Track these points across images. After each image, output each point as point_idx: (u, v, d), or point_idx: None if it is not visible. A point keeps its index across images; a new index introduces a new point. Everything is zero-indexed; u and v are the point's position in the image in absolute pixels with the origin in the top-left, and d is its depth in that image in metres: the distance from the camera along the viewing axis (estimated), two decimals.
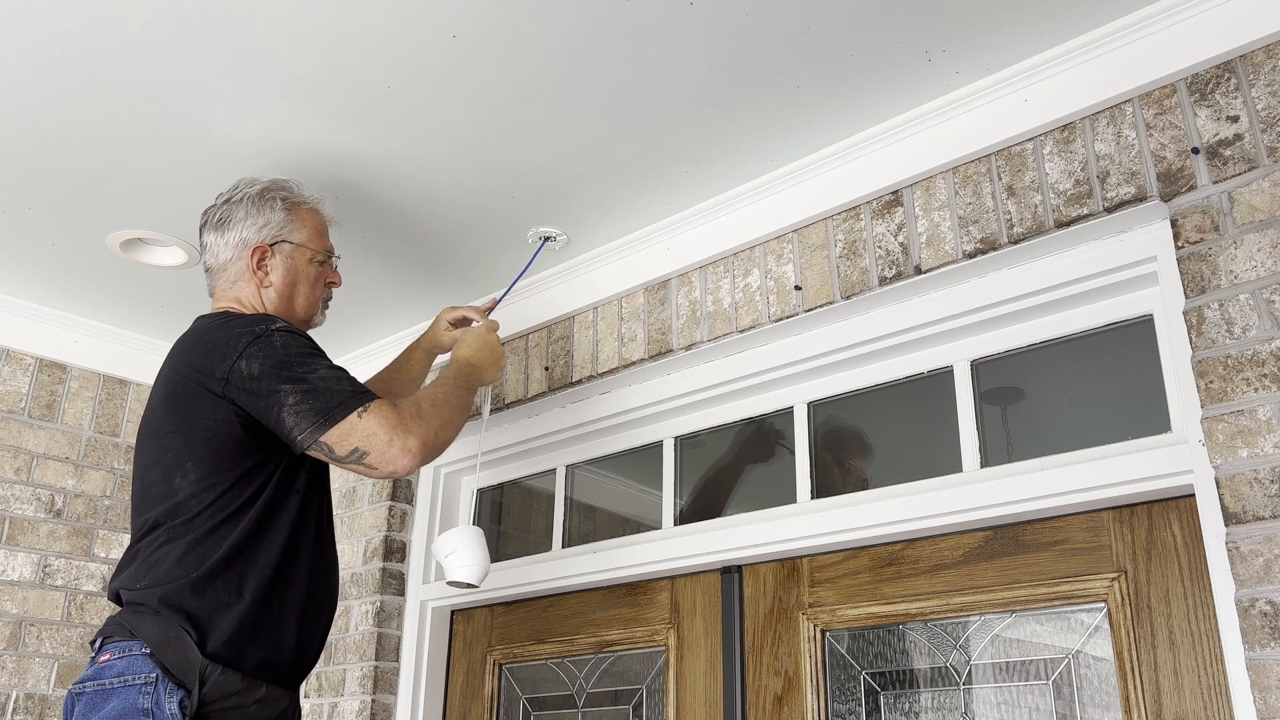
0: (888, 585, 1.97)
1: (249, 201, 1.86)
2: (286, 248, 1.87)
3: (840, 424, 2.21)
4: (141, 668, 1.53)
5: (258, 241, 1.85)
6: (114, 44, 1.79)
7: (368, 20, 1.73)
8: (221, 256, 1.85)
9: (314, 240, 1.91)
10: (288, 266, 1.87)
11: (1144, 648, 1.66)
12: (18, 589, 2.75)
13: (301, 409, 1.59)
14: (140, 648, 1.54)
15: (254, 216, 1.85)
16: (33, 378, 2.88)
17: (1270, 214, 1.54)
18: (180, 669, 1.52)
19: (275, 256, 1.86)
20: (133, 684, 1.52)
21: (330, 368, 1.67)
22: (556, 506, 2.67)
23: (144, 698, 1.50)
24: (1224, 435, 1.50)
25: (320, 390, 1.61)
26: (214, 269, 1.87)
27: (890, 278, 1.97)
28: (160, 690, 1.51)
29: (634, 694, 2.35)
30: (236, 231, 1.85)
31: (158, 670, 1.52)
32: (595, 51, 1.80)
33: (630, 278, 2.41)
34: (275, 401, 1.60)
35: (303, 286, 1.89)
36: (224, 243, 1.85)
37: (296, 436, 1.60)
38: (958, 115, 1.92)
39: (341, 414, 1.60)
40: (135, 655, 1.54)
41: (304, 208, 1.92)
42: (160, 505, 1.64)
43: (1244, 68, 1.62)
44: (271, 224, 1.86)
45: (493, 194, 2.23)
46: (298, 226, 1.89)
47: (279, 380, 1.61)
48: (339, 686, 2.72)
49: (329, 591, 1.78)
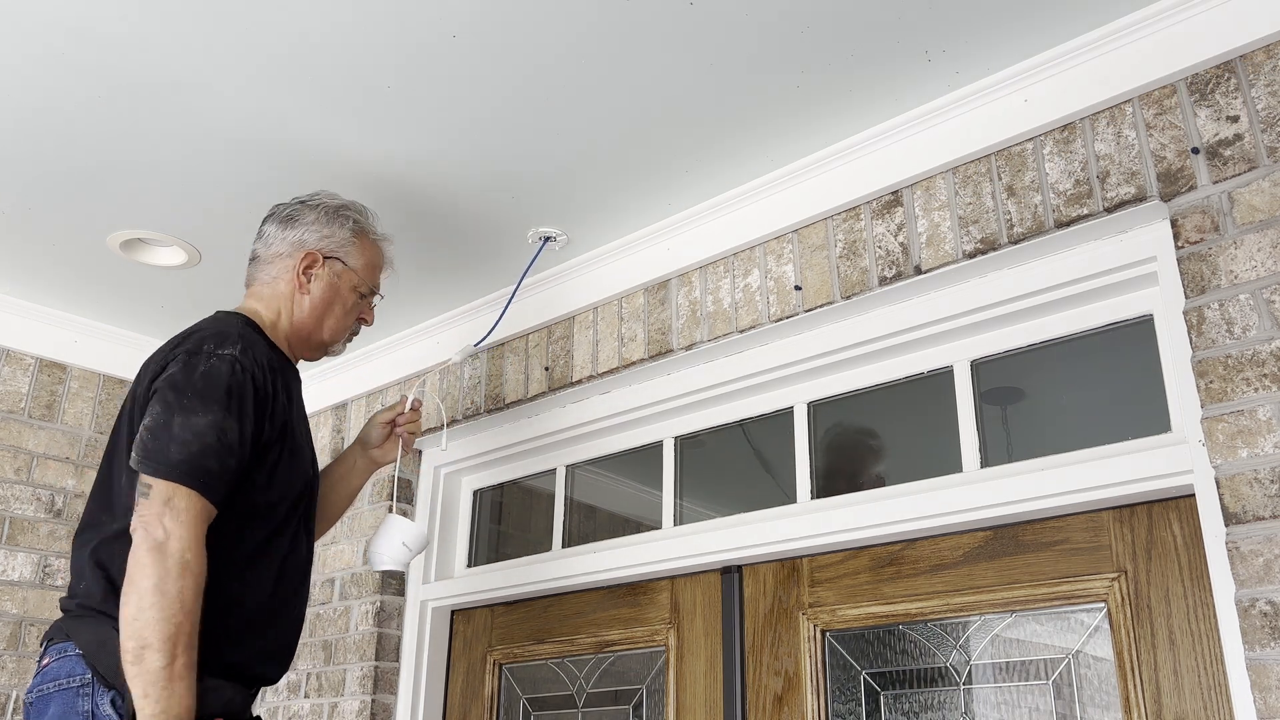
0: (888, 585, 1.97)
1: (323, 210, 1.87)
2: (338, 266, 1.87)
3: (848, 430, 2.20)
4: (74, 669, 1.52)
5: (314, 248, 1.85)
6: (114, 44, 1.79)
7: (368, 20, 1.73)
8: (275, 248, 1.85)
9: (366, 271, 1.91)
10: (331, 284, 1.86)
11: (1144, 648, 1.66)
12: (18, 589, 2.75)
13: (142, 437, 1.54)
14: (73, 649, 1.54)
15: (321, 225, 1.86)
16: (33, 378, 2.88)
17: (1270, 214, 1.54)
18: (111, 672, 1.50)
19: (324, 269, 1.85)
20: (69, 687, 1.51)
21: (211, 424, 1.54)
22: (556, 506, 2.66)
23: (82, 700, 1.50)
24: (1224, 435, 1.50)
25: (166, 434, 1.52)
26: (262, 259, 1.86)
27: (890, 278, 1.97)
28: (96, 691, 1.50)
29: (634, 694, 2.35)
30: (299, 232, 1.85)
31: (90, 672, 1.51)
32: (595, 51, 1.80)
33: (630, 278, 2.40)
34: (144, 412, 1.57)
35: (338, 309, 1.87)
36: (283, 237, 1.85)
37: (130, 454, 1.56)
38: (958, 115, 1.92)
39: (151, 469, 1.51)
40: (69, 657, 1.54)
41: (369, 238, 1.93)
42: (106, 504, 1.63)
43: (1244, 68, 1.62)
44: (334, 239, 1.86)
45: (492, 194, 2.23)
46: (357, 252, 1.89)
47: (160, 399, 1.57)
48: (339, 686, 2.72)
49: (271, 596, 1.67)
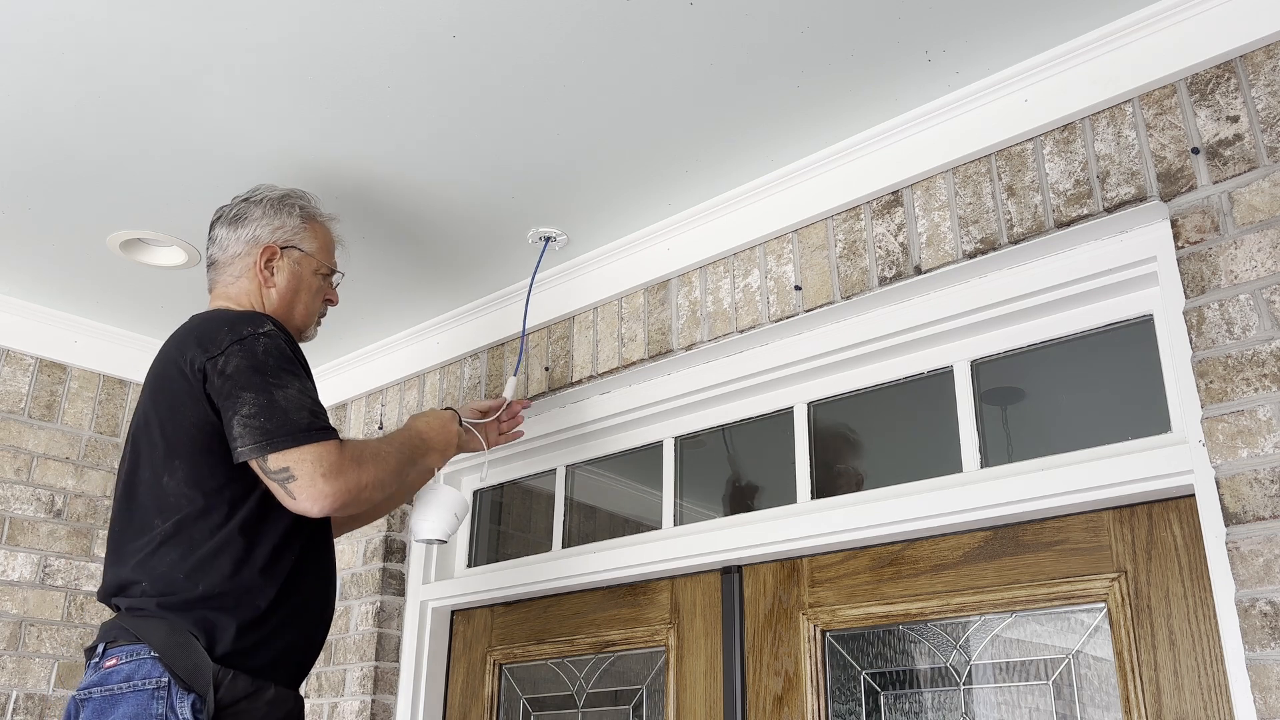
0: (888, 585, 1.97)
1: (268, 203, 1.90)
2: (296, 254, 1.89)
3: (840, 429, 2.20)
4: (151, 672, 1.51)
5: (269, 241, 1.87)
6: (114, 44, 1.79)
7: (368, 21, 1.73)
8: (231, 250, 1.87)
9: (322, 254, 1.94)
10: (294, 272, 1.89)
11: (1144, 648, 1.65)
12: (18, 589, 2.75)
13: (251, 424, 1.57)
14: (147, 651, 1.52)
15: (270, 218, 1.88)
16: (33, 378, 2.88)
17: (1270, 214, 1.54)
18: (190, 674, 1.51)
19: (283, 260, 1.88)
20: (143, 689, 1.50)
21: (301, 389, 1.64)
22: (556, 506, 2.66)
23: (157, 702, 1.49)
24: (1224, 435, 1.50)
25: (278, 410, 1.59)
26: (220, 263, 1.88)
27: (890, 278, 1.97)
28: (173, 695, 1.49)
29: (634, 694, 2.35)
30: (251, 229, 1.87)
31: (168, 675, 1.50)
32: (595, 51, 1.80)
33: (630, 278, 2.40)
34: (233, 405, 1.59)
35: (304, 295, 1.91)
36: (235, 238, 1.87)
37: (238, 447, 1.58)
38: (958, 115, 1.92)
39: (286, 444, 1.57)
40: (143, 659, 1.52)
41: (318, 221, 1.96)
42: (152, 505, 1.63)
43: (1244, 68, 1.62)
44: (286, 228, 1.89)
45: (492, 194, 2.23)
46: (310, 237, 1.92)
47: (244, 386, 1.60)
48: (339, 686, 2.72)
49: (329, 586, 1.78)
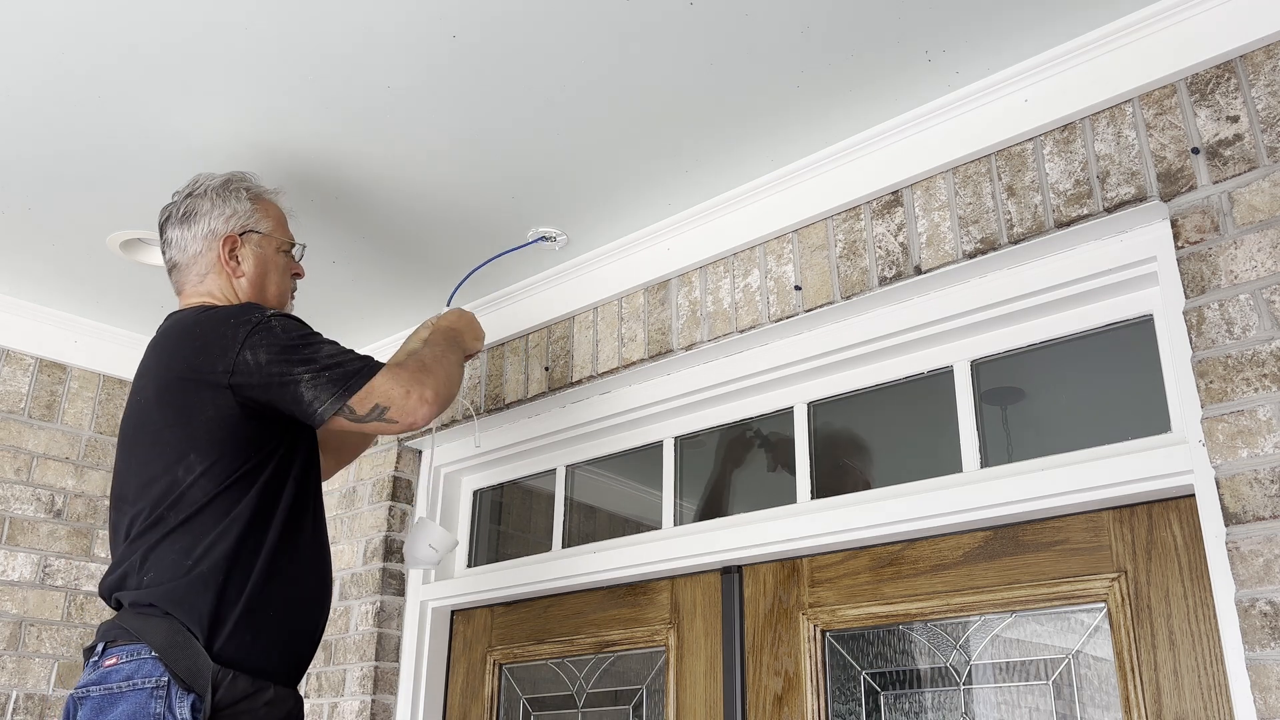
0: (888, 585, 1.97)
1: (213, 194, 1.86)
2: (255, 237, 1.87)
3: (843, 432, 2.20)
4: (151, 671, 1.51)
5: (227, 231, 1.84)
6: (114, 44, 1.79)
7: (368, 22, 1.73)
8: (190, 249, 1.84)
9: (279, 230, 1.93)
10: (258, 256, 1.87)
11: (1144, 648, 1.65)
12: (18, 589, 2.75)
13: (319, 382, 1.63)
14: (147, 651, 1.52)
15: (220, 207, 1.85)
16: (33, 378, 2.88)
17: (1270, 214, 1.54)
18: (190, 675, 1.51)
19: (245, 246, 1.86)
20: (142, 687, 1.50)
21: (330, 343, 1.70)
22: (556, 506, 2.66)
23: (156, 702, 1.49)
24: (1224, 435, 1.50)
25: (332, 364, 1.66)
26: (182, 264, 1.86)
27: (890, 278, 1.97)
28: (172, 694, 1.49)
29: (634, 694, 2.35)
30: (204, 223, 1.84)
31: (168, 674, 1.50)
32: (595, 51, 1.80)
33: (630, 278, 2.40)
34: (290, 383, 1.63)
35: (273, 275, 1.90)
36: (191, 236, 1.84)
37: (318, 409, 1.63)
38: (958, 115, 1.92)
39: (359, 381, 1.65)
40: (143, 659, 1.52)
41: (266, 198, 1.94)
42: (163, 499, 1.62)
43: (1244, 68, 1.62)
44: (239, 214, 1.86)
45: (493, 194, 2.23)
46: (263, 216, 1.90)
47: (290, 365, 1.64)
48: (339, 686, 2.72)
49: (326, 582, 1.78)
